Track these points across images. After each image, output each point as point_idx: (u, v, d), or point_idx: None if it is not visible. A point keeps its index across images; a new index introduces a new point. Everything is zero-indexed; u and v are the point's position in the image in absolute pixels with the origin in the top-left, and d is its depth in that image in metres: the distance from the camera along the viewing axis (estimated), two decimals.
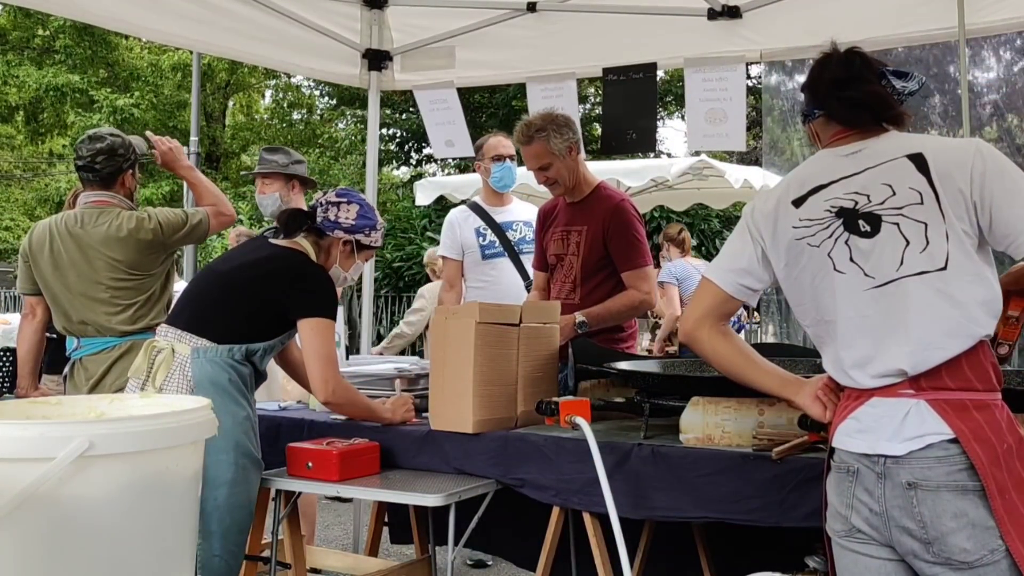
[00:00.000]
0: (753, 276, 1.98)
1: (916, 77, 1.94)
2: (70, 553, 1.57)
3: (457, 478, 2.69)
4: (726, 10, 3.98)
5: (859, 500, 1.78)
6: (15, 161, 21.24)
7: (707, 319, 2.01)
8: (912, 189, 1.81)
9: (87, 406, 1.95)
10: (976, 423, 1.70)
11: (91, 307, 3.30)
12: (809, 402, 1.95)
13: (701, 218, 13.80)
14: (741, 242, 2.00)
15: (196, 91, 15.68)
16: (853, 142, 1.92)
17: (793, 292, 1.95)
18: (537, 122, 3.45)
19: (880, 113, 1.91)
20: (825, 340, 1.90)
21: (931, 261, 1.77)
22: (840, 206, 1.86)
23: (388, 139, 19.96)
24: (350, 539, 4.59)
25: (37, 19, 18.47)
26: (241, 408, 2.70)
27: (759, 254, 1.96)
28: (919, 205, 1.79)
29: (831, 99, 1.94)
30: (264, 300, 2.74)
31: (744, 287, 1.99)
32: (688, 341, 2.05)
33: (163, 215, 3.38)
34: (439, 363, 2.73)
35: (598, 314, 3.37)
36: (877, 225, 1.82)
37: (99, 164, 3.38)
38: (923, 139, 1.90)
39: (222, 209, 3.55)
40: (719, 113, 3.98)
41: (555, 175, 3.47)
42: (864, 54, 1.95)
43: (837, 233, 1.85)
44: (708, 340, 2.00)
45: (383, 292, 13.92)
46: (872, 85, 1.90)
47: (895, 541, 1.75)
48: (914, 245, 1.79)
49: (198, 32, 4.14)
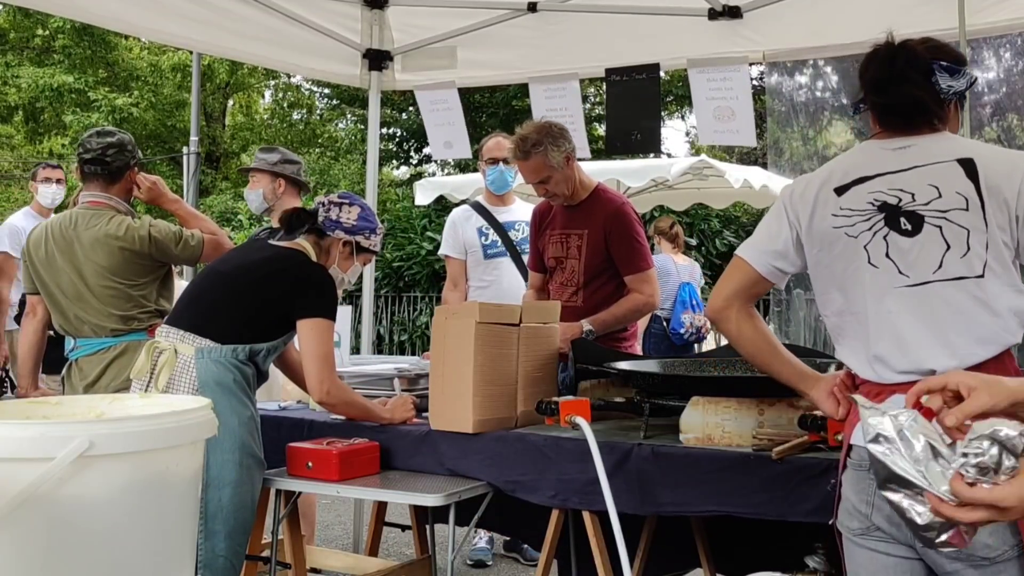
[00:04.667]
0: (787, 260, 1.97)
1: (967, 76, 1.91)
2: (70, 553, 1.57)
3: (457, 478, 2.68)
4: (727, 10, 3.98)
5: (881, 498, 1.78)
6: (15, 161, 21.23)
7: (737, 298, 1.99)
8: (959, 194, 1.80)
9: (87, 406, 1.95)
10: None
11: (84, 307, 3.30)
12: (823, 397, 1.95)
13: (701, 218, 13.80)
14: (778, 224, 1.98)
15: (196, 91, 15.69)
16: (900, 137, 1.90)
17: (821, 279, 1.94)
18: (533, 136, 3.37)
19: (914, 118, 1.89)
20: (847, 331, 1.90)
21: (969, 268, 1.78)
22: (883, 200, 1.85)
23: (388, 138, 19.96)
24: (350, 539, 4.59)
25: (36, 19, 18.46)
26: (246, 408, 2.71)
27: (794, 238, 1.95)
28: (964, 211, 1.79)
29: (868, 100, 1.94)
30: (266, 300, 2.74)
31: (777, 269, 1.98)
32: (716, 318, 2.02)
33: (157, 228, 3.33)
34: (439, 363, 2.72)
35: (604, 320, 3.37)
36: (919, 225, 1.82)
37: (110, 157, 3.38)
38: (975, 145, 1.90)
39: (221, 240, 3.48)
40: (727, 111, 3.98)
41: (554, 188, 3.45)
42: (913, 49, 1.91)
43: (877, 227, 1.85)
44: (736, 320, 1.98)
45: (383, 292, 13.92)
46: (912, 88, 1.88)
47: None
48: (955, 250, 1.78)
49: (198, 32, 4.14)
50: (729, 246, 13.29)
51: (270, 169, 4.15)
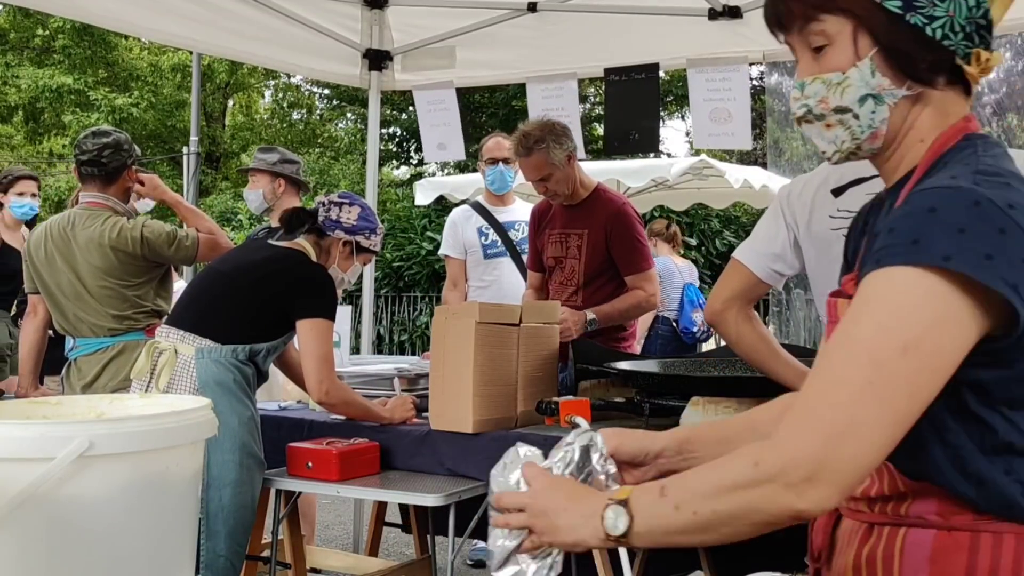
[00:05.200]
0: (784, 262, 1.97)
1: None
2: (70, 553, 1.57)
3: (457, 478, 2.68)
4: (727, 10, 3.98)
5: None
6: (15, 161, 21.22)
7: (736, 301, 1.99)
8: None
9: (87, 406, 1.94)
10: None
11: (82, 307, 3.30)
12: None
13: (701, 218, 13.80)
14: (775, 226, 1.98)
15: (196, 91, 15.69)
16: None
17: (820, 282, 1.93)
18: (535, 133, 3.38)
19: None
20: None
21: None
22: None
23: (388, 138, 19.96)
24: (350, 539, 4.59)
25: (36, 19, 18.46)
26: (246, 408, 2.71)
27: (792, 240, 1.95)
28: None
29: None
30: (266, 300, 2.74)
31: (775, 272, 1.98)
32: (714, 322, 2.03)
33: (150, 229, 3.32)
34: (439, 363, 2.72)
35: (607, 312, 3.38)
36: None
37: (106, 158, 3.37)
38: None
39: (218, 240, 3.46)
40: (723, 112, 3.97)
41: (554, 186, 3.45)
42: None
43: None
44: (735, 323, 1.99)
45: (383, 292, 13.92)
46: None
47: None
48: None
49: (198, 32, 4.14)
50: (729, 246, 13.29)
51: (269, 169, 4.16)
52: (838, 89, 1.12)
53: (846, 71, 1.11)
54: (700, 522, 1.03)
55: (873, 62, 1.10)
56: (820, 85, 1.13)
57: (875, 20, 1.09)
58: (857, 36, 1.10)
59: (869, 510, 1.13)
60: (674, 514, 1.04)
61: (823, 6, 1.11)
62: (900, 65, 1.10)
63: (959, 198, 0.98)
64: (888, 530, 1.10)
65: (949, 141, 1.12)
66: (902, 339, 0.95)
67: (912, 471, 1.06)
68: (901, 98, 1.11)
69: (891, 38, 1.09)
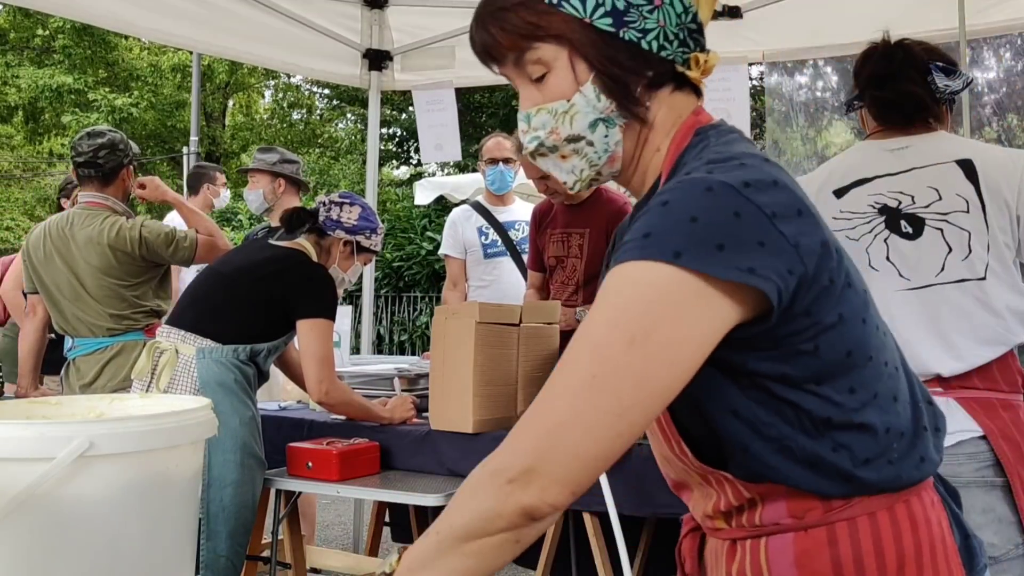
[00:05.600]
0: None
1: (963, 76, 1.92)
2: (70, 553, 1.57)
3: (457, 478, 2.69)
4: (727, 10, 3.98)
5: None
6: (15, 161, 21.24)
7: None
8: (959, 196, 1.80)
9: (87, 406, 1.95)
10: (1003, 421, 1.72)
11: (81, 307, 3.30)
12: None
13: None
14: None
15: (196, 91, 15.70)
16: (898, 137, 1.90)
17: None
18: None
19: (913, 115, 1.90)
20: None
21: (971, 270, 1.78)
22: (883, 203, 1.85)
23: (388, 138, 19.97)
24: (350, 539, 4.59)
25: (36, 19, 18.47)
26: (247, 408, 2.71)
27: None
28: (965, 213, 1.79)
29: (867, 95, 1.93)
30: (267, 301, 2.74)
31: None
32: None
33: (148, 229, 3.32)
34: (439, 363, 2.73)
35: None
36: (920, 228, 1.82)
37: (102, 159, 3.37)
38: (973, 145, 1.90)
39: (216, 241, 3.45)
40: (722, 112, 3.96)
41: (555, 185, 3.45)
42: (910, 48, 1.92)
43: (878, 230, 1.85)
44: None
45: (383, 292, 13.92)
46: (910, 84, 1.88)
47: None
48: (956, 252, 1.79)
49: (198, 32, 4.14)
50: None
51: (269, 169, 4.16)
52: (565, 118, 1.07)
53: (570, 98, 1.06)
54: (444, 546, 0.96)
55: (595, 85, 1.06)
56: (547, 115, 1.08)
57: (589, 42, 1.05)
58: (573, 61, 1.06)
59: (728, 525, 1.10)
60: (428, 541, 0.99)
61: (533, 35, 1.06)
62: (618, 89, 1.06)
63: (691, 187, 0.95)
64: (750, 543, 1.07)
65: (683, 142, 1.08)
66: (629, 332, 0.92)
67: (747, 475, 1.03)
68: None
69: (608, 59, 1.05)
